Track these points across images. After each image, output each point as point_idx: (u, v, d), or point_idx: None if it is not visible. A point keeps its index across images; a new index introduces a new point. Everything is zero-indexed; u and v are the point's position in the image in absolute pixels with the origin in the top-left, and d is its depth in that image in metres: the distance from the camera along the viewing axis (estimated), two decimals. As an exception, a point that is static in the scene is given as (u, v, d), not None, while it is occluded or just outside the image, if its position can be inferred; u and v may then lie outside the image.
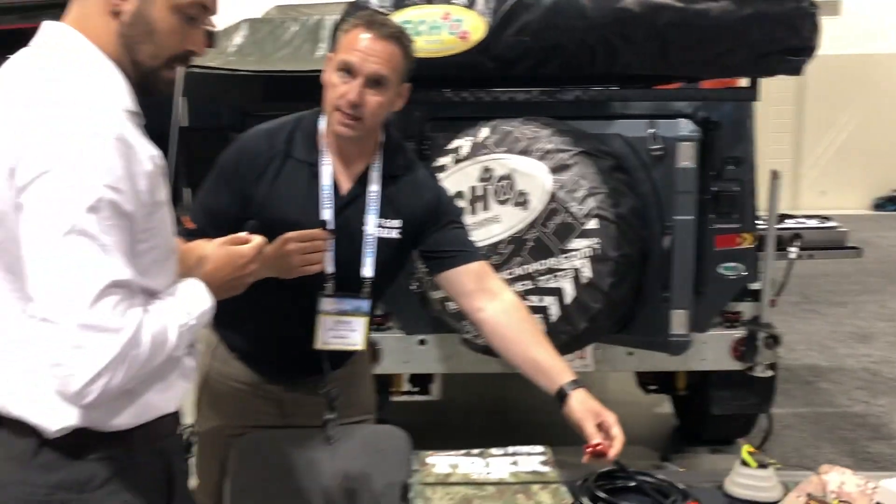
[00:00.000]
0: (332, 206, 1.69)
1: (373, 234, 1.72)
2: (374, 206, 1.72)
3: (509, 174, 2.57)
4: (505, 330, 1.70)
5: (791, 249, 3.36)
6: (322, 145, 1.71)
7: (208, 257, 1.34)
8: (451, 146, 2.71)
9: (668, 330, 2.71)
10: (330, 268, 1.69)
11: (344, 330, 1.73)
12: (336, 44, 1.68)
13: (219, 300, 1.29)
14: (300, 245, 1.61)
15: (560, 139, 2.55)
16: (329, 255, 1.68)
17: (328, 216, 1.68)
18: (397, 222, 1.74)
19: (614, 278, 2.50)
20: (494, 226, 2.61)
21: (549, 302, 2.55)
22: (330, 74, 1.65)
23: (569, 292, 2.51)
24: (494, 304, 1.71)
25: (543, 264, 2.54)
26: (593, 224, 2.47)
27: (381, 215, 1.72)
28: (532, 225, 2.54)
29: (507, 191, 2.58)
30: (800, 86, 11.82)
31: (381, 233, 1.73)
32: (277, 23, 5.78)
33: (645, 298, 2.75)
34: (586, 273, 2.49)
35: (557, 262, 2.52)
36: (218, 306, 1.29)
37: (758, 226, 3.05)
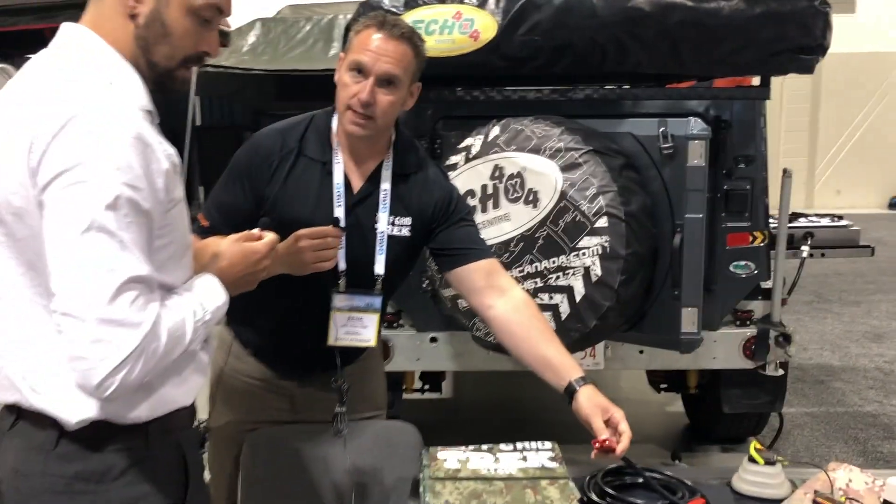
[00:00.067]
0: (344, 203, 1.71)
1: (384, 232, 1.74)
2: (385, 203, 1.74)
3: (520, 172, 2.58)
4: (514, 327, 1.71)
5: (803, 248, 3.35)
6: (334, 144, 1.73)
7: (222, 254, 1.37)
8: (463, 144, 2.73)
9: (679, 328, 2.71)
10: (342, 265, 1.72)
11: (356, 326, 1.75)
12: (348, 44, 1.70)
13: (232, 296, 1.32)
14: (312, 242, 1.63)
15: (570, 137, 2.56)
16: (341, 253, 1.70)
17: (340, 214, 1.70)
18: (408, 220, 1.76)
19: (624, 276, 2.50)
20: (505, 224, 2.62)
21: (560, 299, 2.55)
22: (342, 74, 1.67)
23: (579, 290, 2.52)
24: (504, 302, 1.72)
25: (554, 262, 2.55)
26: (603, 222, 2.47)
27: (393, 213, 1.74)
28: (542, 223, 2.55)
29: (518, 189, 2.59)
30: (815, 84, 11.74)
31: (392, 230, 1.75)
32: (290, 22, 5.80)
33: (655, 296, 2.75)
34: (596, 271, 2.49)
35: (567, 260, 2.53)
36: (232, 303, 1.32)
37: (770, 224, 3.05)
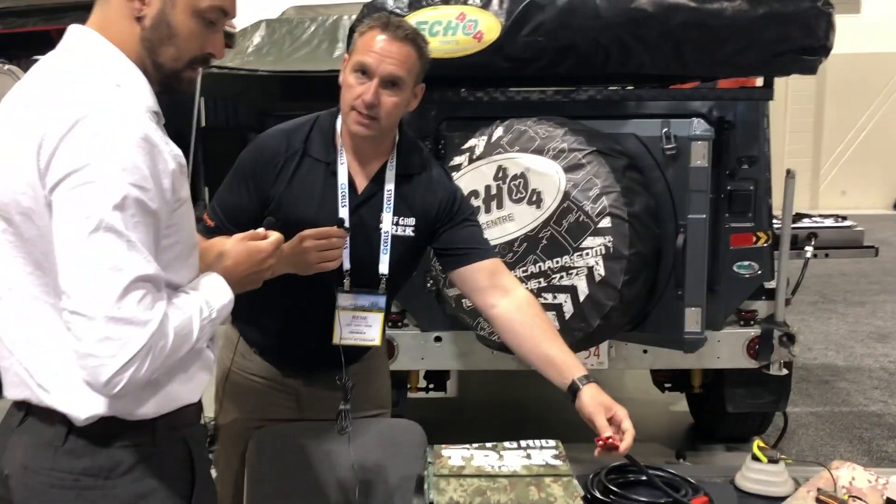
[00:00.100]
0: (349, 204, 1.72)
1: (388, 232, 1.75)
2: (389, 204, 1.75)
3: (523, 173, 2.59)
4: (518, 326, 1.72)
5: (807, 248, 3.35)
6: (339, 145, 1.75)
7: (227, 252, 1.38)
8: (466, 145, 2.74)
9: (682, 327, 2.72)
10: (346, 264, 1.73)
11: (361, 326, 1.76)
12: (352, 45, 1.72)
13: (237, 294, 1.33)
14: (317, 243, 1.64)
15: (573, 138, 2.57)
16: (345, 253, 1.72)
17: (344, 214, 1.71)
18: (412, 220, 1.77)
19: (627, 276, 2.51)
20: (509, 224, 2.63)
21: (563, 299, 2.56)
22: (346, 75, 1.68)
23: (582, 290, 2.53)
24: (507, 301, 1.73)
25: (557, 262, 2.56)
26: (606, 222, 2.48)
27: (397, 213, 1.76)
28: (546, 223, 2.56)
29: (522, 189, 2.60)
30: (820, 85, 11.72)
31: (396, 230, 1.76)
32: (295, 23, 5.81)
33: (659, 296, 2.76)
34: (600, 271, 2.50)
35: (571, 260, 2.54)
36: (238, 302, 1.33)
37: (773, 225, 3.05)
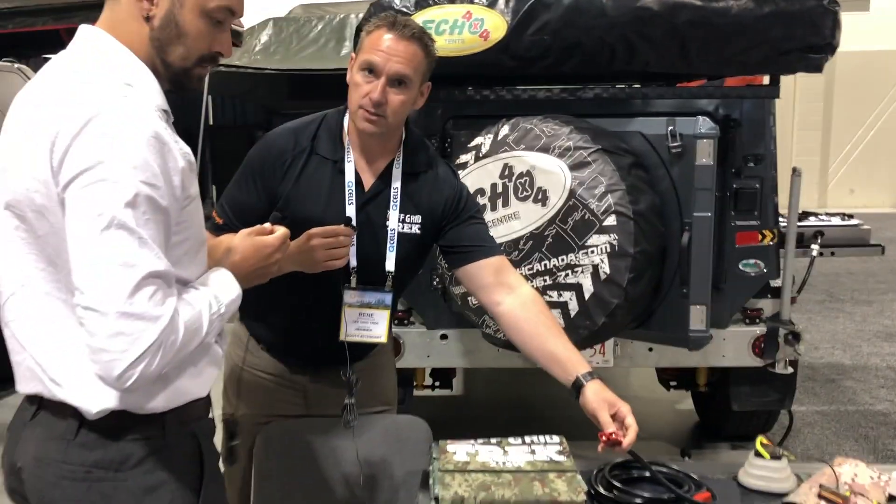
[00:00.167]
0: (356, 201, 1.74)
1: (395, 230, 1.76)
2: (396, 201, 1.76)
3: (529, 171, 2.60)
4: (523, 323, 1.73)
5: (813, 247, 3.35)
6: (346, 143, 1.76)
7: (235, 248, 1.40)
8: (472, 143, 2.75)
9: (687, 325, 2.72)
10: (353, 262, 1.75)
11: (367, 322, 1.78)
12: (359, 44, 1.73)
13: (245, 289, 1.35)
14: (324, 241, 1.65)
15: (579, 136, 2.58)
16: (352, 250, 1.73)
17: (351, 212, 1.73)
18: (418, 218, 1.79)
19: (632, 274, 2.52)
20: (514, 222, 2.64)
21: (569, 297, 2.57)
22: (353, 74, 1.70)
23: (588, 288, 2.54)
24: (512, 298, 1.75)
25: (563, 260, 2.57)
26: (612, 220, 2.49)
27: (403, 211, 1.77)
28: (551, 221, 2.57)
29: (527, 187, 2.61)
30: (828, 83, 11.68)
31: (402, 228, 1.77)
32: (302, 21, 5.83)
33: (664, 294, 2.76)
34: (605, 269, 2.51)
35: (576, 258, 2.55)
36: (246, 299, 1.35)
37: (780, 223, 3.05)
